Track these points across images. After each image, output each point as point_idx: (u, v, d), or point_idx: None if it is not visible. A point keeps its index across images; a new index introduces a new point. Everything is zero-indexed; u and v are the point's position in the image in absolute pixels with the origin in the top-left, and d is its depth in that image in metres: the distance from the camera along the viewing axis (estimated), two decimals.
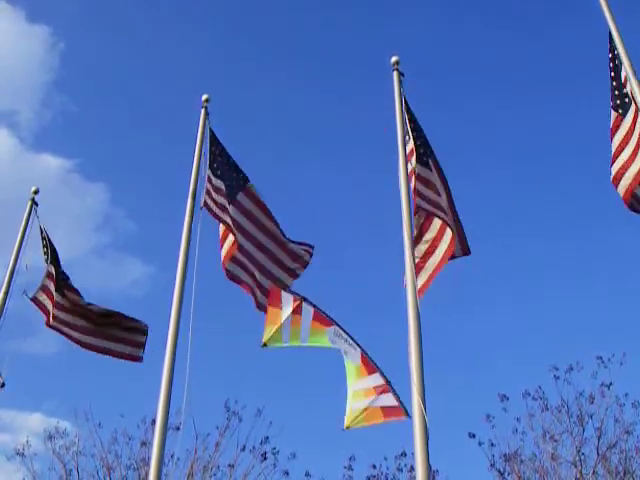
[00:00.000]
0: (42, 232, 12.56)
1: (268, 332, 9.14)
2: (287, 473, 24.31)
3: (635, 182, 9.26)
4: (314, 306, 9.15)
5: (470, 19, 49.81)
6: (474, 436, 24.21)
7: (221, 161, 11.55)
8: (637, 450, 22.94)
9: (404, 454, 24.18)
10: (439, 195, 9.86)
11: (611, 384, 23.44)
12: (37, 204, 12.91)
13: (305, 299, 9.21)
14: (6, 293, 11.76)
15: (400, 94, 10.26)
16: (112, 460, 24.39)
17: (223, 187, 11.27)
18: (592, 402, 23.45)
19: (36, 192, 13.01)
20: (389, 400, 8.20)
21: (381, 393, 8.28)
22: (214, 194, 11.15)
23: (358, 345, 8.63)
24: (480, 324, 38.90)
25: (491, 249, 43.71)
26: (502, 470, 23.74)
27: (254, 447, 24.19)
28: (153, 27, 51.42)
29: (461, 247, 10.00)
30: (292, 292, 9.63)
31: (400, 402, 8.07)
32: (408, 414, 7.68)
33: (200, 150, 11.49)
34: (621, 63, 9.46)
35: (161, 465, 8.30)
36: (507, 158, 47.86)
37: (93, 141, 49.53)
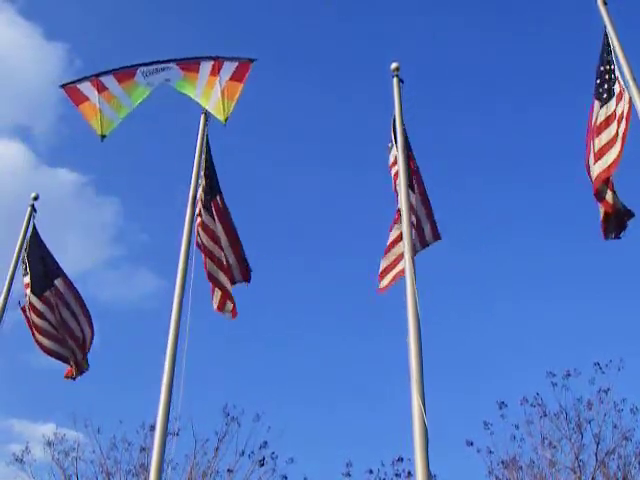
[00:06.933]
0: (33, 238, 12.49)
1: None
2: (286, 478, 24.34)
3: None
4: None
5: (471, 24, 49.99)
6: (472, 444, 24.19)
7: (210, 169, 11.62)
8: (636, 456, 22.93)
9: (401, 459, 24.19)
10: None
11: (609, 389, 23.48)
12: (36, 210, 12.88)
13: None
14: (6, 299, 11.76)
15: (400, 100, 10.29)
16: (111, 466, 24.42)
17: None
18: (590, 408, 23.45)
19: (35, 198, 12.93)
20: None
21: None
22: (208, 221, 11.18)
23: None
24: (478, 331, 38.91)
25: (487, 255, 43.85)
26: (500, 477, 23.74)
27: (253, 452, 24.27)
28: (168, 44, 51.53)
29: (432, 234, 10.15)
30: None
31: None
32: None
33: (200, 156, 11.53)
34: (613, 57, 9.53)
35: (161, 471, 8.31)
36: (508, 160, 48.00)
37: (108, 156, 49.73)
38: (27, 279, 12.06)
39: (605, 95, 9.60)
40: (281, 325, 41.31)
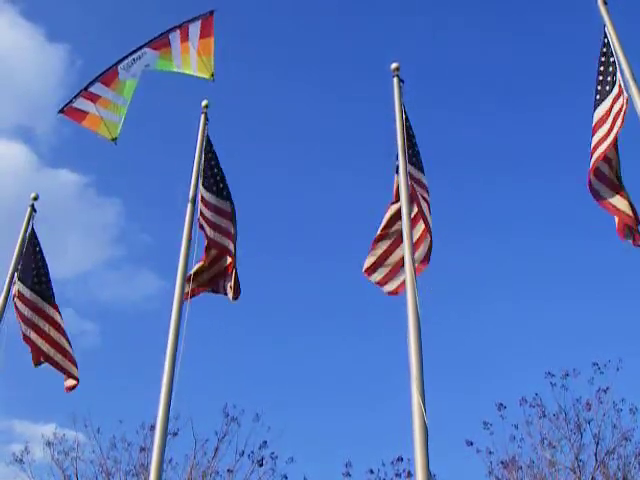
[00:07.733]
0: (32, 240, 12.51)
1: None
2: (286, 478, 24.37)
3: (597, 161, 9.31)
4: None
5: (471, 24, 50.01)
6: (472, 444, 24.21)
7: (215, 173, 11.59)
8: (636, 456, 22.92)
9: (401, 459, 24.19)
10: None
11: (608, 389, 23.47)
12: (36, 210, 12.87)
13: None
14: (5, 299, 11.75)
15: (400, 100, 10.28)
16: (111, 466, 24.42)
17: (213, 201, 11.35)
18: (589, 408, 23.44)
19: (35, 198, 12.92)
20: None
21: None
22: (205, 209, 11.15)
23: None
24: (478, 331, 38.92)
25: (487, 255, 43.86)
26: (500, 477, 23.74)
27: (253, 452, 24.29)
28: None
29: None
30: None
31: None
32: None
33: (200, 156, 11.52)
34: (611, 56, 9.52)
35: (161, 470, 8.31)
36: (508, 160, 48.00)
37: (109, 157, 49.85)
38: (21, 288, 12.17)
39: (602, 95, 9.60)
40: (281, 325, 41.37)
